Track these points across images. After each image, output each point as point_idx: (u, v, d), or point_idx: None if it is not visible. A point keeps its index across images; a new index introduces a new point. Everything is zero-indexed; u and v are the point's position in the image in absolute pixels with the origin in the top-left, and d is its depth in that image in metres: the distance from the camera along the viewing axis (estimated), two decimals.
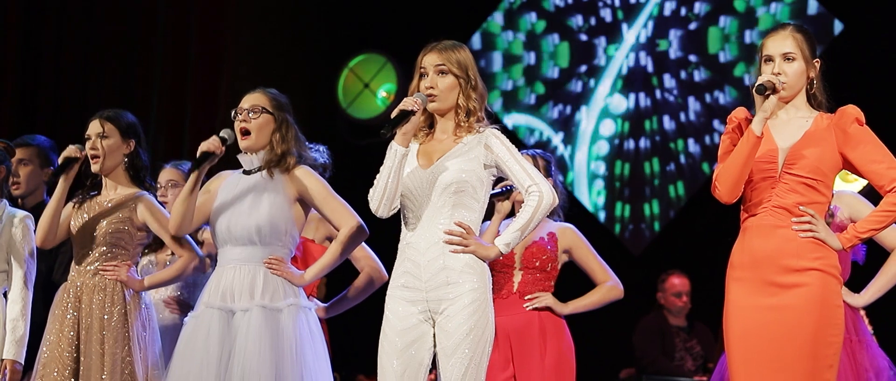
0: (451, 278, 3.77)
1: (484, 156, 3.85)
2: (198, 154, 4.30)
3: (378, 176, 3.83)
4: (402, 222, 3.90)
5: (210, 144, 4.30)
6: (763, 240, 3.83)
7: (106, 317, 4.55)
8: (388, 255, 4.14)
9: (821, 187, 3.84)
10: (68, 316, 4.57)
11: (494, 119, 3.98)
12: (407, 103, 3.80)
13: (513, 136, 3.67)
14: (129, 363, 4.53)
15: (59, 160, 4.63)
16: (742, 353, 3.82)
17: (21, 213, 4.77)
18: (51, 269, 5.15)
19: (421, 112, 3.84)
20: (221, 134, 4.35)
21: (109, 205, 4.67)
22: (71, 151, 4.63)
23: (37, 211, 5.17)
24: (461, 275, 3.77)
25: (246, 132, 4.36)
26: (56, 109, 8.94)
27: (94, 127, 4.70)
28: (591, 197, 8.85)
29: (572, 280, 5.07)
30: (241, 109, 4.39)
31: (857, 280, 4.61)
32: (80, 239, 4.66)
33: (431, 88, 3.85)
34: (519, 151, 4.12)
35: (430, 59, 3.88)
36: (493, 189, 4.13)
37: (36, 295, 4.83)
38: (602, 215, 8.81)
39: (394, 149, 3.81)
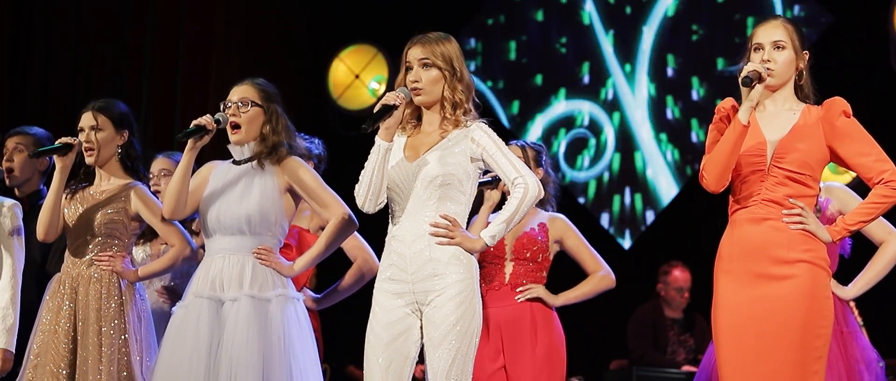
0: (438, 269, 3.77)
1: (470, 149, 3.85)
2: (191, 125, 4.28)
3: (363, 171, 3.83)
4: (389, 215, 3.90)
5: (203, 119, 4.29)
6: (753, 232, 3.84)
7: (103, 308, 4.54)
8: (376, 247, 4.14)
9: (809, 181, 3.86)
10: (64, 308, 4.56)
11: (483, 111, 3.98)
12: (389, 98, 3.79)
13: (501, 128, 3.68)
14: (125, 354, 4.53)
15: (56, 143, 4.60)
16: (731, 345, 3.83)
17: (9, 201, 4.76)
18: (45, 258, 5.14)
19: (405, 106, 3.84)
20: (217, 116, 4.33)
21: (103, 196, 4.66)
22: (67, 139, 4.60)
23: (32, 200, 5.18)
24: (447, 266, 3.77)
25: (236, 126, 4.35)
26: (45, 99, 8.93)
27: (87, 119, 4.68)
28: (583, 188, 8.87)
29: (565, 271, 5.08)
30: (230, 101, 4.38)
31: (842, 273, 4.63)
32: (75, 230, 4.65)
33: (416, 81, 3.84)
34: (509, 141, 4.12)
35: (414, 53, 3.87)
36: (481, 178, 4.13)
37: (30, 284, 4.83)
38: (592, 206, 8.82)
39: (377, 144, 3.81)
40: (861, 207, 3.91)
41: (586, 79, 8.90)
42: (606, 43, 8.86)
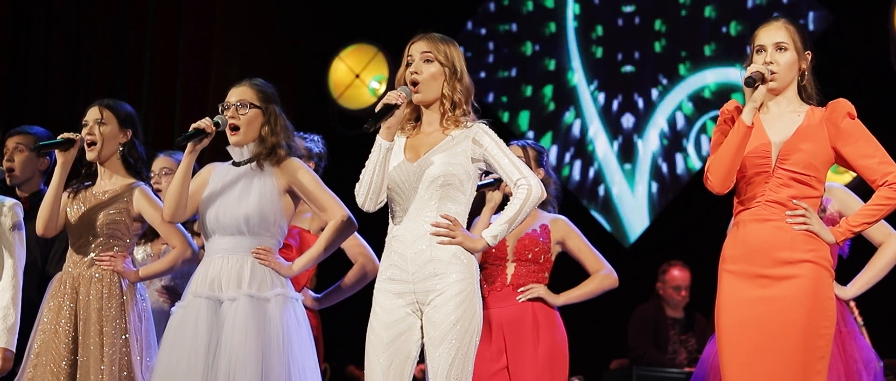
0: (439, 269, 3.78)
1: (472, 150, 3.85)
2: (190, 129, 4.28)
3: (364, 171, 3.83)
4: (389, 216, 3.91)
5: (202, 122, 4.30)
6: (757, 233, 3.85)
7: (104, 308, 4.54)
8: (377, 247, 4.13)
9: (813, 182, 3.87)
10: (65, 307, 4.57)
11: (482, 113, 3.98)
12: (391, 97, 3.79)
13: (501, 129, 3.67)
14: (126, 354, 4.53)
15: (58, 138, 4.61)
16: (734, 345, 3.83)
17: (9, 201, 4.76)
18: (46, 259, 5.14)
19: (406, 105, 3.85)
20: (216, 118, 4.34)
21: (105, 196, 4.66)
22: (69, 134, 4.61)
23: (33, 200, 5.18)
24: (448, 266, 3.78)
25: (235, 128, 4.35)
26: (45, 99, 8.92)
27: (93, 113, 4.70)
28: (583, 187, 8.86)
29: (567, 271, 5.07)
30: (229, 103, 4.38)
31: (841, 273, 4.63)
32: (77, 230, 4.65)
33: (416, 73, 3.85)
34: (511, 141, 4.12)
35: (416, 47, 3.89)
36: (481, 179, 4.13)
37: (32, 284, 4.83)
38: (593, 207, 8.81)
39: (379, 143, 3.81)
40: (865, 208, 3.91)
41: (580, 76, 8.91)
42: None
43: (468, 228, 3.90)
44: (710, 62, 8.57)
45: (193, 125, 4.28)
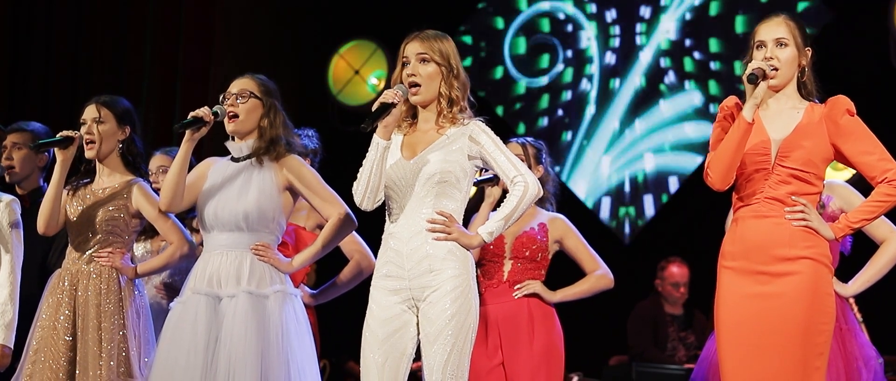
0: (434, 265, 3.78)
1: (468, 147, 3.85)
2: (188, 117, 4.28)
3: (361, 170, 3.83)
4: (386, 213, 3.91)
5: (201, 111, 4.30)
6: (755, 229, 3.85)
7: (102, 304, 4.55)
8: (374, 245, 4.14)
9: (813, 179, 3.86)
10: (63, 303, 4.57)
11: (479, 109, 3.98)
12: (387, 96, 3.79)
13: (499, 126, 3.68)
14: (124, 350, 4.53)
15: (57, 136, 4.61)
16: (733, 342, 3.83)
17: (7, 197, 4.77)
18: (46, 255, 5.15)
19: (403, 103, 3.84)
20: (215, 108, 4.34)
21: (104, 193, 4.67)
22: (68, 132, 4.62)
23: (33, 197, 5.18)
24: (443, 262, 3.78)
25: (234, 116, 4.36)
26: (45, 98, 8.92)
27: (90, 112, 4.69)
28: (583, 185, 8.87)
29: (565, 270, 5.08)
30: (230, 93, 4.39)
31: (842, 270, 4.64)
32: (76, 227, 4.65)
33: (413, 75, 3.85)
34: (510, 138, 4.11)
35: (412, 48, 3.88)
36: (479, 176, 4.13)
37: (32, 280, 4.83)
38: (591, 203, 8.81)
39: (376, 142, 3.81)
40: (864, 205, 3.91)
41: (581, 72, 8.92)
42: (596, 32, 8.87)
43: (466, 224, 3.90)
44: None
45: (192, 113, 4.29)
